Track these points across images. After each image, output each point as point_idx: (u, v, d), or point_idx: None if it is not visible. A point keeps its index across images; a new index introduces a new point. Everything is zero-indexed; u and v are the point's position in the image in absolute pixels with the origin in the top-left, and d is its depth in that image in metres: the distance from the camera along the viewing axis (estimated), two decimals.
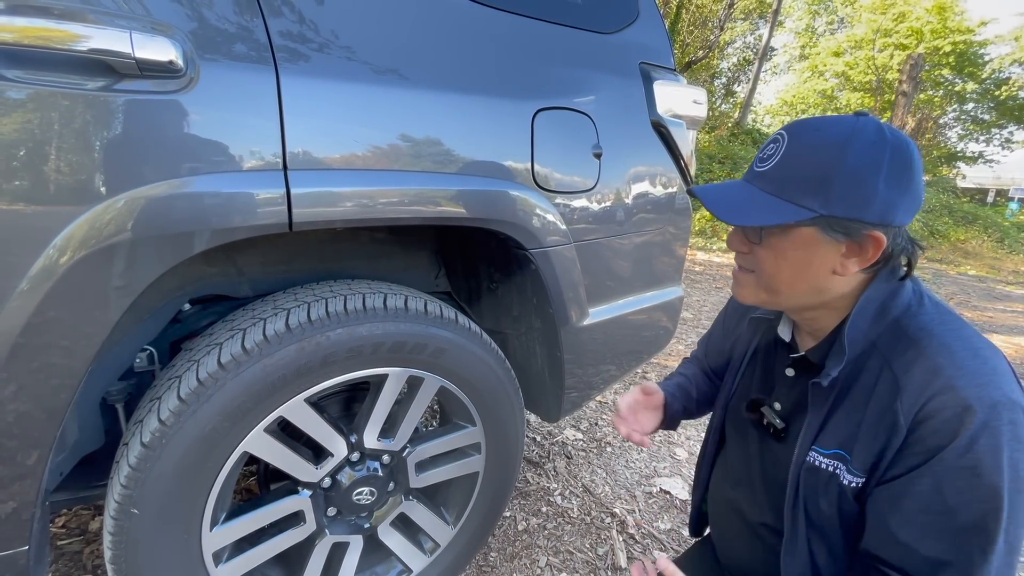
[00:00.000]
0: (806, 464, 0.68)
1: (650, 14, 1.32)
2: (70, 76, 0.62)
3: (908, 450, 0.59)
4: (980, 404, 0.55)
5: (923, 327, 0.63)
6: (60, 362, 0.69)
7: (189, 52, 0.69)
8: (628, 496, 1.71)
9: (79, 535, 1.35)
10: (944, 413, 0.56)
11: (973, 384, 0.56)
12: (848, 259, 0.63)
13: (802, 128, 0.63)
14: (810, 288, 0.66)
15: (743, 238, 0.69)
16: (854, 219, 0.59)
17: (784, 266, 0.65)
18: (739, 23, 17.01)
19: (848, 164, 0.58)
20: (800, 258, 0.64)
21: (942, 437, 0.56)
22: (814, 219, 0.60)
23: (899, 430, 0.59)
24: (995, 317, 4.78)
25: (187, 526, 0.83)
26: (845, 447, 0.65)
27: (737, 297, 0.74)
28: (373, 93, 0.86)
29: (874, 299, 0.65)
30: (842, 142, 0.59)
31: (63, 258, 0.65)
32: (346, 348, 0.88)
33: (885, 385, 0.62)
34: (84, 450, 0.91)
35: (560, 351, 1.21)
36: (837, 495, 0.65)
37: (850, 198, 0.59)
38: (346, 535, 1.04)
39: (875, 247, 0.61)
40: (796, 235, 0.63)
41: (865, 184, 0.58)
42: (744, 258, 0.71)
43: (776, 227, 0.63)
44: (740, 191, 0.67)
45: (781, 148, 0.63)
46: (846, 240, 0.61)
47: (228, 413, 0.80)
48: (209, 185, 0.71)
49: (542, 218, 1.06)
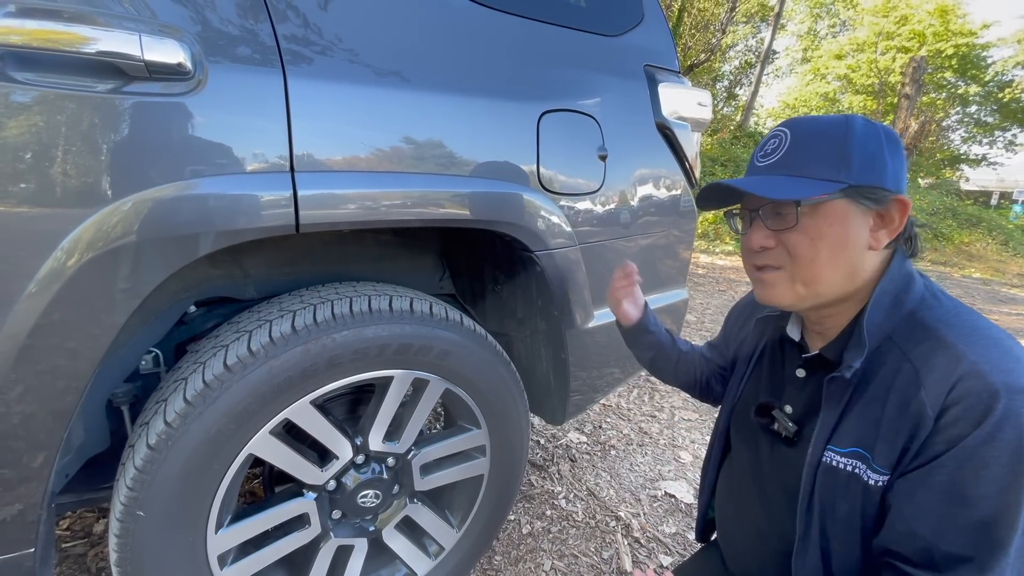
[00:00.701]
0: (822, 465, 0.67)
1: (655, 17, 1.32)
2: (80, 78, 0.62)
3: (932, 439, 0.57)
4: (1007, 390, 0.54)
5: (940, 319, 0.62)
6: (67, 364, 0.69)
7: (197, 54, 0.69)
8: (633, 499, 1.70)
9: (83, 538, 1.35)
10: (970, 398, 0.55)
11: (998, 370, 0.55)
12: (878, 232, 0.64)
13: (800, 121, 0.67)
14: (847, 270, 0.64)
15: (767, 232, 0.67)
16: (878, 186, 0.62)
17: (822, 246, 0.63)
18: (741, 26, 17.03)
19: (858, 139, 0.62)
20: (837, 235, 0.63)
21: (966, 424, 0.55)
22: (845, 190, 0.62)
23: (926, 420, 0.57)
24: (1000, 320, 4.75)
25: (193, 528, 0.83)
26: (864, 444, 0.63)
27: (768, 300, 0.71)
28: (378, 96, 0.86)
29: (888, 291, 0.65)
30: (844, 124, 0.64)
31: (71, 260, 0.65)
32: (352, 350, 0.88)
33: (905, 377, 0.60)
34: (89, 452, 0.91)
35: (565, 353, 1.21)
36: (861, 496, 0.63)
37: (869, 168, 0.62)
38: (351, 538, 1.04)
39: (901, 212, 0.63)
40: (829, 210, 0.63)
41: (877, 155, 0.62)
42: (771, 255, 0.68)
43: (808, 206, 0.63)
44: (758, 179, 0.66)
45: (787, 139, 0.66)
46: (875, 208, 0.63)
47: (234, 415, 0.80)
48: (216, 187, 0.71)
49: (547, 220, 1.06)
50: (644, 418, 2.25)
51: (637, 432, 2.13)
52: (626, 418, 2.24)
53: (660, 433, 2.14)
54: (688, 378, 1.03)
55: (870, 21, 17.38)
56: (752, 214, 0.69)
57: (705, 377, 1.02)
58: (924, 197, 11.24)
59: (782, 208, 0.64)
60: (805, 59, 20.84)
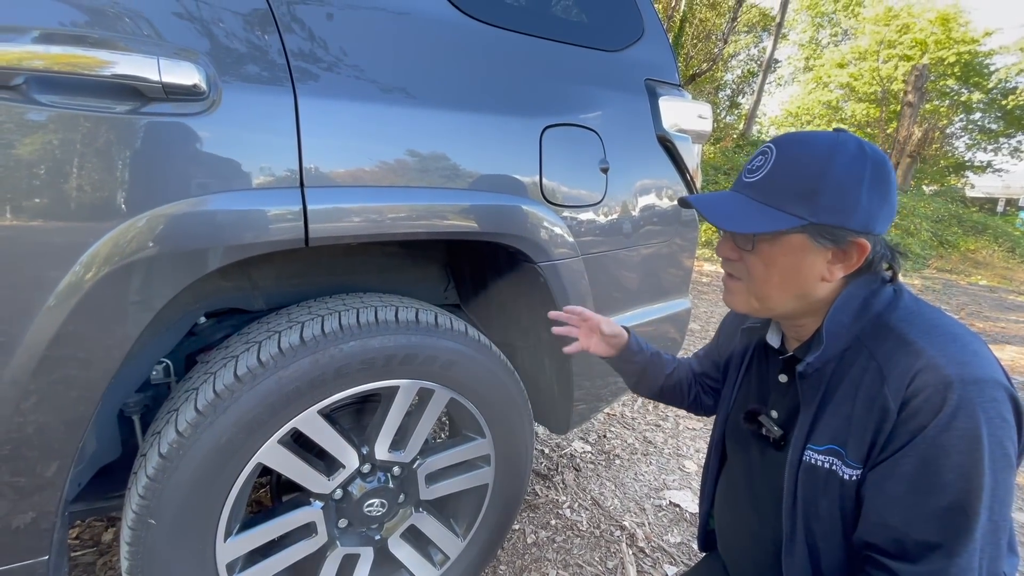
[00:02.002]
0: (803, 464, 0.69)
1: (655, 32, 1.35)
2: (100, 100, 0.65)
3: (896, 431, 0.60)
4: (960, 381, 0.57)
5: (902, 318, 0.65)
6: (82, 375, 0.71)
7: (212, 75, 0.72)
8: (637, 509, 1.70)
9: (92, 547, 1.36)
10: (927, 391, 0.58)
11: (954, 363, 0.58)
12: (834, 265, 0.66)
13: (789, 141, 0.67)
14: (798, 294, 0.68)
15: (733, 246, 0.72)
16: (840, 227, 0.63)
17: (774, 272, 0.67)
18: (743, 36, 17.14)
19: (834, 175, 0.62)
20: (789, 264, 0.66)
21: (926, 415, 0.58)
22: (803, 227, 0.63)
23: (889, 414, 0.60)
24: (1008, 328, 4.72)
25: (202, 537, 0.84)
26: (837, 441, 0.66)
27: (727, 304, 0.76)
28: (385, 112, 0.89)
29: (856, 295, 0.68)
30: (827, 155, 0.63)
31: (88, 275, 0.67)
32: (359, 360, 0.89)
33: (871, 375, 0.64)
34: (102, 461, 0.93)
35: (569, 363, 1.22)
36: (838, 492, 0.66)
37: (836, 207, 0.62)
38: (357, 547, 1.05)
39: (859, 253, 0.65)
40: (786, 242, 0.66)
41: (849, 194, 0.62)
42: (733, 265, 0.73)
43: (767, 234, 0.66)
44: (732, 200, 0.69)
45: (770, 160, 0.67)
46: (833, 247, 0.65)
47: (244, 424, 0.82)
48: (227, 203, 0.74)
49: (550, 231, 1.08)
50: (648, 427, 2.25)
51: (641, 441, 2.13)
52: (630, 427, 2.24)
53: (664, 442, 2.14)
54: (675, 397, 1.04)
55: (871, 30, 17.46)
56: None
57: (694, 393, 1.03)
58: (929, 204, 11.21)
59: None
60: (807, 68, 20.92)
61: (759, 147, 5.55)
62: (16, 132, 0.61)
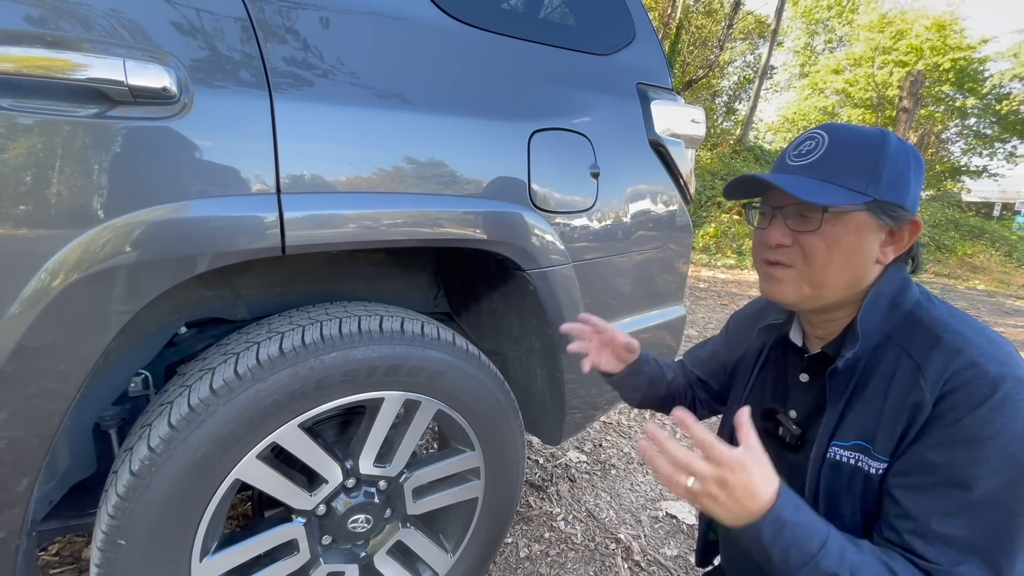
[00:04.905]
0: (827, 461, 0.67)
1: (646, 35, 1.33)
2: (63, 104, 0.62)
3: (930, 424, 0.59)
4: (1003, 379, 0.56)
5: (936, 318, 0.65)
6: (49, 386, 0.68)
7: (183, 78, 0.69)
8: (633, 521, 1.66)
9: (72, 563, 1.32)
10: (968, 386, 0.57)
11: (994, 362, 0.58)
12: (887, 247, 0.66)
13: (837, 127, 0.68)
14: (853, 278, 0.67)
15: (786, 231, 0.68)
16: (899, 205, 0.64)
17: (836, 253, 0.65)
18: (739, 43, 17.26)
19: (891, 155, 0.64)
20: (852, 245, 0.65)
21: (963, 408, 0.57)
22: (869, 203, 0.63)
23: (924, 406, 0.59)
24: (1006, 332, 4.70)
25: (176, 557, 0.81)
26: (865, 437, 0.65)
27: (772, 296, 0.72)
28: (366, 116, 0.86)
29: (885, 292, 0.67)
30: (880, 137, 0.65)
31: (55, 282, 0.64)
32: (341, 372, 0.86)
33: (905, 370, 0.63)
34: (75, 477, 0.90)
35: (560, 372, 1.19)
36: (861, 489, 0.64)
37: (896, 185, 0.64)
38: (341, 564, 1.01)
39: (912, 233, 0.66)
40: (851, 220, 0.64)
41: (904, 175, 0.64)
42: (785, 253, 0.68)
43: (831, 214, 0.64)
44: (793, 179, 0.66)
45: (823, 143, 0.66)
46: (891, 225, 0.65)
47: (219, 439, 0.79)
48: (201, 210, 0.71)
49: (540, 238, 1.05)
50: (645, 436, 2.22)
51: (638, 451, 2.10)
52: (627, 436, 2.21)
53: None
54: (671, 407, 1.00)
55: (866, 36, 17.57)
56: (775, 211, 0.69)
57: (689, 399, 1.01)
58: (926, 209, 11.24)
59: (807, 211, 0.65)
60: (803, 74, 21.04)
61: (756, 152, 5.54)
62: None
